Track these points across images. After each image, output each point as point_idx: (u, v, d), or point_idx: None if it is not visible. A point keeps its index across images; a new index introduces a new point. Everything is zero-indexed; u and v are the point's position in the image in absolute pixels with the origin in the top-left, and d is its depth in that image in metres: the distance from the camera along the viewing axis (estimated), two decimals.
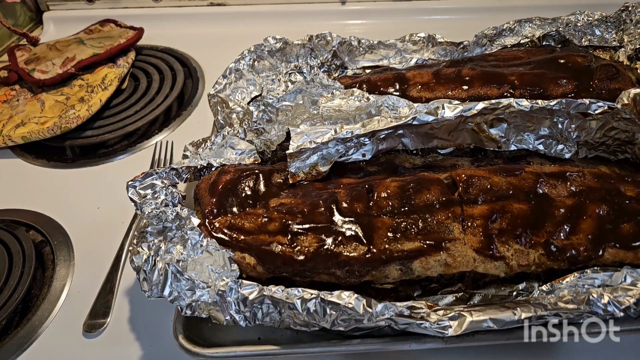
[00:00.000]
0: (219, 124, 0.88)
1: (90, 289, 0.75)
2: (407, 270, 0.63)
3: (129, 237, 0.81)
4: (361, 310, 0.55)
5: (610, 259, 0.62)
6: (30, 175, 0.99)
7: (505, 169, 0.69)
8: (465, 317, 0.56)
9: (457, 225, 0.64)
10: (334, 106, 0.80)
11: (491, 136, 0.75)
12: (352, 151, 0.74)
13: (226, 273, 0.61)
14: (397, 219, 0.64)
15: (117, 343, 0.69)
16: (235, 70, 0.95)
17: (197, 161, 0.76)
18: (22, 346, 0.70)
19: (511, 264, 0.63)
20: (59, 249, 0.82)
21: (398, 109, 0.77)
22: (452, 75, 0.89)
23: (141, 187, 0.69)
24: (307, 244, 0.63)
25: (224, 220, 0.66)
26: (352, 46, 1.03)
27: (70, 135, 1.02)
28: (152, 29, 1.31)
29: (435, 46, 1.03)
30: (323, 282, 0.64)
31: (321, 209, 0.65)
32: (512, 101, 0.71)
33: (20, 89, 1.13)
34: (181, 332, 0.62)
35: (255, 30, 1.20)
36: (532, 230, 0.63)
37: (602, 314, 0.55)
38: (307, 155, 0.71)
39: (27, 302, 0.75)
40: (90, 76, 1.12)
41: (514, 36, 1.02)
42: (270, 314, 0.59)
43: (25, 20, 1.41)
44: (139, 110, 1.08)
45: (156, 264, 0.61)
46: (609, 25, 1.01)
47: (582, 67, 0.86)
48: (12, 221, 0.86)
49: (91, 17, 1.35)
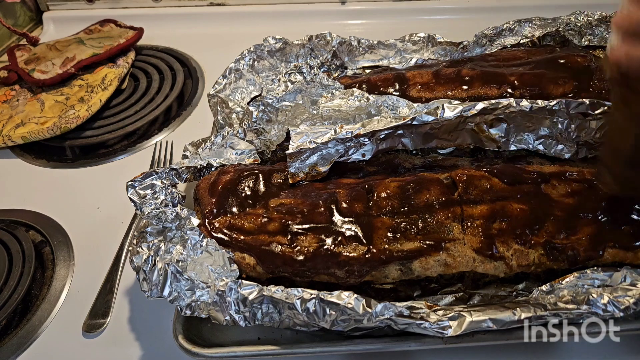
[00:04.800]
0: (219, 124, 0.88)
1: (90, 289, 0.75)
2: (407, 271, 0.63)
3: (128, 237, 0.81)
4: (361, 311, 0.55)
5: (610, 259, 0.62)
6: (30, 175, 0.98)
7: (505, 169, 0.69)
8: (465, 317, 0.56)
9: (457, 225, 0.64)
10: (334, 106, 0.80)
11: (491, 136, 0.75)
12: (352, 151, 0.74)
13: (226, 273, 0.61)
14: (397, 219, 0.64)
15: (117, 343, 0.69)
16: (235, 70, 0.95)
17: (197, 161, 0.76)
18: (22, 346, 0.70)
19: (511, 264, 0.63)
20: (59, 249, 0.82)
21: (398, 109, 0.77)
22: (452, 75, 0.88)
23: (141, 188, 0.69)
24: (307, 244, 0.63)
25: (223, 220, 0.66)
26: (352, 46, 1.03)
27: (70, 135, 1.02)
28: (152, 29, 1.31)
29: (435, 46, 1.03)
30: (323, 282, 0.64)
31: (321, 209, 0.65)
32: (512, 101, 0.71)
33: (20, 89, 1.13)
34: (181, 332, 0.62)
35: (255, 30, 1.20)
36: (531, 230, 0.63)
37: (602, 314, 0.55)
38: (306, 155, 0.71)
39: (27, 302, 0.75)
40: (90, 76, 1.12)
41: (513, 36, 1.02)
42: (270, 314, 0.59)
43: (25, 20, 1.41)
44: (139, 110, 1.08)
45: (156, 264, 0.61)
46: (609, 25, 1.01)
47: (582, 67, 0.86)
48: (12, 221, 0.86)
49: (91, 17, 1.35)
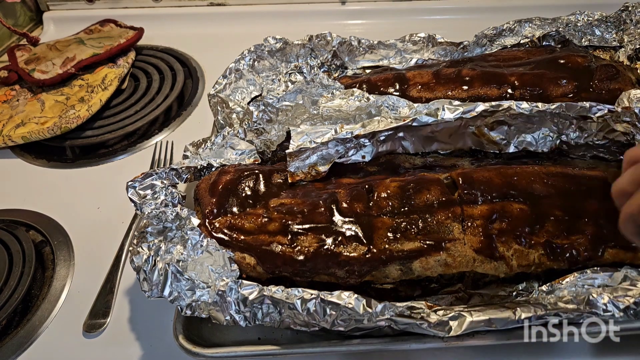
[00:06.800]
0: (219, 124, 0.88)
1: (90, 289, 0.75)
2: (407, 270, 0.63)
3: (129, 237, 0.81)
4: (361, 311, 0.55)
5: (610, 259, 0.62)
6: (30, 175, 0.98)
7: (506, 169, 0.69)
8: (465, 317, 0.56)
9: (457, 225, 0.64)
10: (334, 106, 0.80)
11: (492, 139, 0.75)
12: (352, 152, 0.74)
13: (226, 273, 0.61)
14: (397, 219, 0.64)
15: (117, 343, 0.69)
16: (235, 70, 0.95)
17: (197, 161, 0.76)
18: (22, 346, 0.70)
19: (511, 264, 0.63)
20: (59, 249, 0.82)
21: (398, 109, 0.77)
22: (452, 76, 0.88)
23: (141, 188, 0.69)
24: (307, 244, 0.63)
25: (224, 220, 0.66)
26: (352, 46, 1.03)
27: (70, 135, 1.02)
28: (152, 29, 1.31)
29: (435, 46, 1.03)
30: (323, 282, 0.64)
31: (321, 209, 0.65)
32: (512, 104, 0.71)
33: (20, 89, 1.13)
34: (181, 332, 0.62)
35: (255, 30, 1.21)
36: (532, 230, 0.63)
37: (602, 314, 0.55)
38: (306, 155, 0.71)
39: (27, 302, 0.75)
40: (90, 76, 1.12)
41: (514, 36, 1.02)
42: (270, 314, 0.59)
43: (25, 20, 1.41)
44: (139, 110, 1.08)
45: (156, 264, 0.61)
46: (609, 25, 1.01)
47: (582, 67, 0.86)
48: (12, 221, 0.86)
49: (91, 17, 1.35)
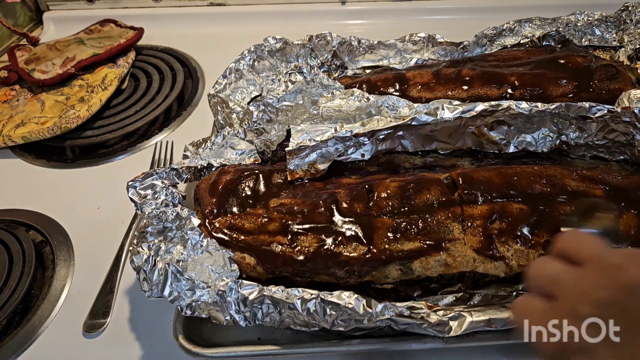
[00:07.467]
0: (219, 124, 0.88)
1: (90, 289, 0.75)
2: (407, 270, 0.63)
3: (129, 237, 0.81)
4: (361, 311, 0.55)
5: None
6: (30, 175, 0.98)
7: (505, 169, 0.69)
8: (465, 317, 0.56)
9: (457, 225, 0.64)
10: (334, 106, 0.80)
11: (492, 139, 0.75)
12: (351, 150, 0.74)
13: (226, 273, 0.61)
14: (397, 219, 0.64)
15: (117, 343, 0.69)
16: (235, 70, 0.95)
17: (197, 161, 0.76)
18: (22, 346, 0.70)
19: (511, 264, 0.63)
20: (59, 249, 0.82)
21: (398, 109, 0.77)
22: (452, 76, 0.89)
23: (141, 188, 0.69)
24: (307, 244, 0.63)
25: (224, 220, 0.66)
26: (352, 46, 1.03)
27: (70, 135, 1.02)
28: (152, 29, 1.31)
29: (435, 46, 1.03)
30: (323, 282, 0.64)
31: (321, 209, 0.65)
32: (512, 104, 0.71)
33: (20, 89, 1.13)
34: (181, 332, 0.62)
35: (255, 30, 1.20)
36: (532, 230, 0.63)
37: None
38: (306, 153, 0.71)
39: (27, 302, 0.75)
40: (90, 76, 1.12)
41: (514, 36, 1.02)
42: (270, 314, 0.59)
43: (25, 20, 1.41)
44: (139, 110, 1.08)
45: (156, 264, 0.61)
46: (609, 25, 1.01)
47: (582, 67, 0.86)
48: (12, 221, 0.86)
49: (91, 17, 1.34)
